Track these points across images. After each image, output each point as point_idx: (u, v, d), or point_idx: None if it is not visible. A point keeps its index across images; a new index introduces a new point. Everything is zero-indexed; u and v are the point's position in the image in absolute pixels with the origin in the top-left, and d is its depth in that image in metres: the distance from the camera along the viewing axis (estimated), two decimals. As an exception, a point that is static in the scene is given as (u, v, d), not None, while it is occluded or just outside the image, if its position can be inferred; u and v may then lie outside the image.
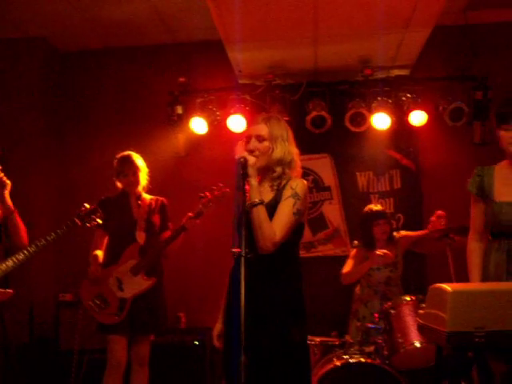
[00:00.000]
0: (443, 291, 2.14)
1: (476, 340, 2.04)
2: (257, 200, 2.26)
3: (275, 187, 2.40)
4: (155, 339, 3.70)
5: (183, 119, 4.96)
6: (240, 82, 5.10)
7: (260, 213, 2.25)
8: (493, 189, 2.67)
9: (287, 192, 2.34)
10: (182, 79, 4.95)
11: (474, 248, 2.75)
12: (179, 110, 4.95)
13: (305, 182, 2.43)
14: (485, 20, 4.94)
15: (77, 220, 3.23)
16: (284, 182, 2.39)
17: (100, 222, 3.34)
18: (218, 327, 2.51)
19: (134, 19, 4.89)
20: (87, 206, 3.29)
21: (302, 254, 4.89)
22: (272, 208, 2.32)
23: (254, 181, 2.29)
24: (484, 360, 2.46)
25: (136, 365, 3.54)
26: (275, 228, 2.27)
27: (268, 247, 2.26)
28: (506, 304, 2.07)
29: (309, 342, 3.65)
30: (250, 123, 4.63)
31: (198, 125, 4.91)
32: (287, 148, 2.44)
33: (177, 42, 5.30)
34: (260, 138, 2.40)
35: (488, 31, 4.98)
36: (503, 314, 2.07)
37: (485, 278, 2.66)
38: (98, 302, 3.46)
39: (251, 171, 2.27)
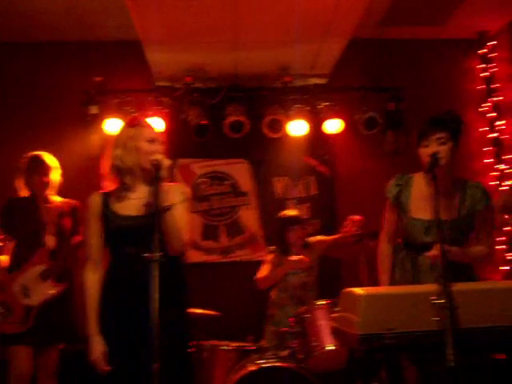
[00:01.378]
0: (355, 295, 2.18)
1: (386, 342, 2.08)
2: (169, 204, 2.24)
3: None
4: (65, 347, 3.52)
5: (98, 120, 4.79)
6: (158, 83, 5.01)
7: (173, 216, 2.27)
8: (409, 202, 2.73)
9: (180, 196, 2.36)
10: (98, 78, 4.79)
11: (384, 250, 2.84)
12: (94, 110, 4.79)
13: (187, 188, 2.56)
14: (399, 36, 5.15)
15: None
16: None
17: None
18: (99, 347, 2.31)
19: (47, 14, 4.68)
20: None
21: (219, 259, 4.98)
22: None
23: (164, 184, 2.27)
24: (394, 361, 2.53)
25: (43, 376, 3.36)
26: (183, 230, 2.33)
27: (177, 250, 2.33)
28: (415, 306, 2.13)
29: (224, 347, 3.66)
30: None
31: (113, 126, 4.77)
32: None
33: (93, 40, 5.11)
34: (158, 141, 2.44)
35: (402, 46, 5.20)
36: (412, 316, 2.13)
37: (392, 281, 2.75)
38: (1, 310, 3.26)
39: (164, 173, 2.24)
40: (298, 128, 4.86)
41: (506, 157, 5.06)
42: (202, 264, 4.91)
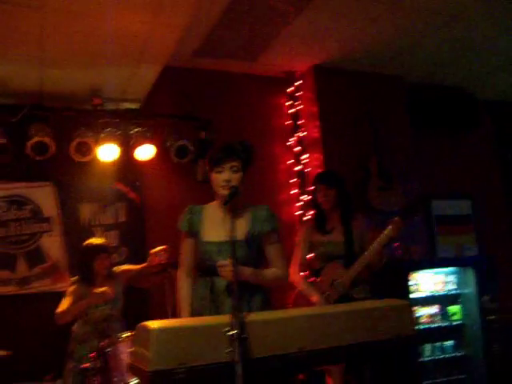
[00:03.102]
0: (146, 329, 2.11)
1: (177, 377, 2.03)
2: None
3: None
4: None
5: None
6: None
7: None
8: (201, 228, 2.80)
9: None
10: None
11: (183, 284, 2.84)
12: None
13: None
14: (213, 67, 5.28)
15: None
16: None
17: None
18: None
19: None
20: None
21: (15, 290, 4.53)
22: None
23: None
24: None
25: None
26: None
27: None
28: (208, 338, 2.13)
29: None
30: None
31: None
32: None
33: None
34: None
35: (215, 78, 5.33)
36: (205, 349, 2.11)
37: (191, 313, 2.74)
38: None
39: None
40: (108, 152, 4.69)
41: (310, 188, 5.42)
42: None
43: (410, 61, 5.46)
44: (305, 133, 5.54)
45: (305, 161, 5.50)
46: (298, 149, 5.54)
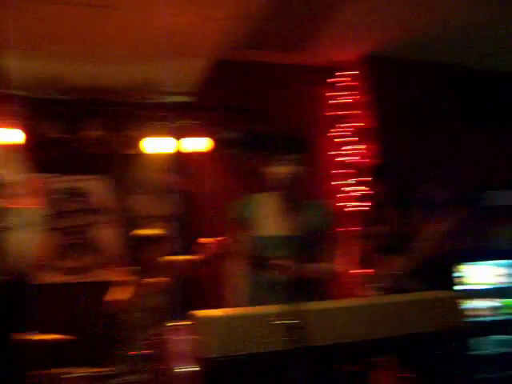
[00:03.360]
0: (203, 317, 2.15)
1: (233, 364, 2.07)
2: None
3: None
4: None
5: None
6: (11, 92, 4.67)
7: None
8: (255, 220, 2.79)
9: (32, 216, 2.23)
10: None
11: (237, 274, 2.85)
12: None
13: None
14: (260, 58, 5.29)
15: None
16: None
17: None
18: None
19: None
20: None
21: (72, 279, 4.71)
22: None
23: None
24: None
25: None
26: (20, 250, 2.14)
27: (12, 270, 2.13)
28: (264, 326, 2.15)
29: (75, 373, 3.46)
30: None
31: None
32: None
33: None
34: None
35: (262, 68, 5.34)
36: (261, 337, 2.13)
37: (242, 301, 2.77)
38: None
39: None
40: (160, 145, 4.80)
41: (354, 179, 5.38)
42: (56, 285, 4.62)
43: (463, 48, 5.32)
44: (353, 123, 5.49)
45: (352, 151, 5.45)
46: (344, 139, 5.49)
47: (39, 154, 4.54)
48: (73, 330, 3.98)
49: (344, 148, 5.47)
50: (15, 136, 4.42)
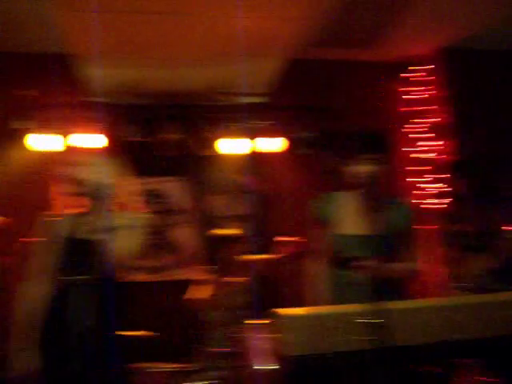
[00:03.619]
0: (283, 316, 2.18)
1: (316, 363, 2.09)
2: (102, 224, 2.18)
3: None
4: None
5: (25, 134, 4.63)
6: (92, 99, 4.89)
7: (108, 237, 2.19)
8: (335, 218, 2.78)
9: (137, 220, 2.32)
10: (28, 92, 4.64)
11: (315, 272, 2.85)
12: (21, 124, 4.62)
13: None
14: (333, 56, 5.27)
15: None
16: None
17: None
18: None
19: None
20: None
21: (154, 278, 4.88)
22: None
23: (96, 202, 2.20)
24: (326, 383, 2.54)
25: None
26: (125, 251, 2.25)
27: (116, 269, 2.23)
28: (344, 326, 2.15)
29: (155, 369, 3.58)
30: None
31: (41, 141, 4.62)
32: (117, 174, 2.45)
33: (22, 52, 4.96)
34: (82, 165, 2.38)
35: (335, 66, 5.31)
36: (342, 336, 2.14)
37: (322, 300, 2.77)
38: None
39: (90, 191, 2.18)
40: (234, 146, 4.88)
41: (429, 176, 5.25)
42: (136, 283, 4.80)
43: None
44: (429, 118, 5.35)
45: (428, 148, 5.32)
46: (420, 135, 5.36)
47: (120, 158, 4.73)
48: (155, 327, 4.12)
49: (420, 144, 5.35)
50: (99, 141, 4.65)
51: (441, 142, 5.27)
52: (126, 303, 2.45)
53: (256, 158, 5.04)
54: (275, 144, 4.93)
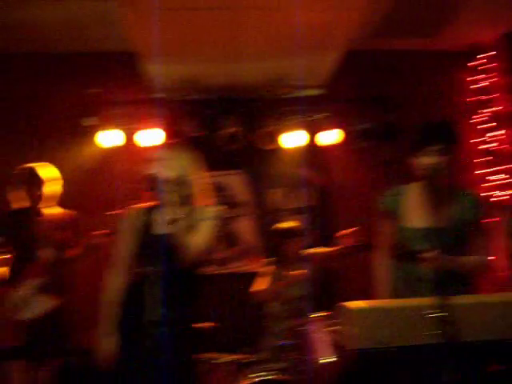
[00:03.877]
0: (349, 309, 2.18)
1: (382, 356, 2.08)
2: (175, 217, 2.23)
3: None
4: (63, 361, 3.50)
5: (94, 131, 4.81)
6: (154, 95, 5.02)
7: (180, 230, 2.25)
8: (401, 211, 2.74)
9: (208, 213, 2.35)
10: (94, 90, 4.79)
11: (381, 266, 2.81)
12: (90, 121, 4.79)
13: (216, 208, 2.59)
14: (392, 47, 5.19)
15: None
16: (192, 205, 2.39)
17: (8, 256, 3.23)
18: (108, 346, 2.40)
19: (46, 25, 4.69)
20: None
21: (214, 270, 4.96)
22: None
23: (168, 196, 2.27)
24: (390, 377, 2.53)
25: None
26: (197, 244, 2.33)
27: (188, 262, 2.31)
28: (410, 320, 2.13)
29: (221, 360, 3.65)
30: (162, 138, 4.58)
31: (109, 138, 4.78)
32: (188, 170, 2.53)
33: (89, 52, 5.13)
34: (161, 159, 2.43)
35: (395, 57, 5.23)
36: (408, 330, 2.12)
37: (389, 294, 2.73)
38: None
39: (163, 186, 2.24)
40: (294, 139, 4.89)
41: (494, 167, 5.10)
42: (204, 276, 4.90)
43: None
44: (495, 108, 5.19)
45: (495, 138, 5.15)
46: (486, 126, 5.21)
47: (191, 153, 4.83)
48: (220, 318, 4.20)
49: (486, 134, 5.20)
50: (164, 137, 4.76)
51: (504, 132, 5.10)
52: (196, 295, 2.51)
53: (316, 150, 5.04)
54: (334, 136, 4.91)
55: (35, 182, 3.45)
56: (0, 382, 3.26)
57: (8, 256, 3.33)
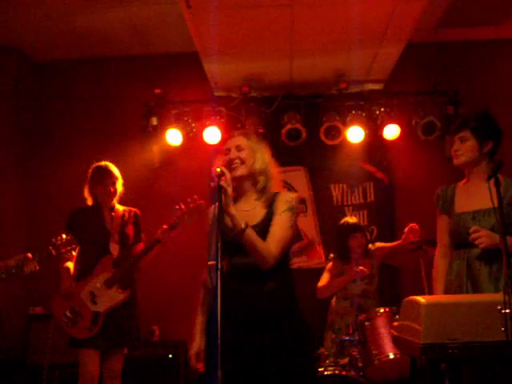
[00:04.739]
0: (417, 303, 2.16)
1: (450, 351, 2.06)
2: (243, 225, 2.22)
3: (266, 202, 2.39)
4: (128, 352, 3.65)
5: (158, 131, 4.95)
6: (215, 94, 5.11)
7: (250, 236, 2.23)
8: (454, 202, 2.74)
9: (282, 206, 2.35)
10: (157, 91, 4.94)
11: (439, 264, 2.78)
12: (154, 121, 4.94)
13: (296, 194, 2.51)
14: (455, 37, 5.07)
15: (52, 250, 3.20)
16: (271, 194, 2.39)
17: (74, 254, 3.38)
18: (195, 346, 2.41)
19: (109, 30, 4.86)
20: (64, 236, 3.25)
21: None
22: (265, 224, 2.33)
23: (229, 194, 2.25)
24: (458, 372, 2.49)
25: (108, 379, 3.46)
26: (273, 243, 2.28)
27: (267, 264, 2.28)
28: (479, 315, 2.10)
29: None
30: (225, 135, 4.64)
31: (173, 136, 4.91)
32: (267, 159, 2.47)
33: (153, 54, 5.29)
34: (239, 148, 2.42)
35: (458, 48, 5.11)
36: (476, 326, 2.09)
37: (446, 289, 2.69)
38: (70, 316, 3.39)
39: (227, 185, 2.24)
40: (354, 134, 4.85)
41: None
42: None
43: None
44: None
45: None
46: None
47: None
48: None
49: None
50: (218, 135, 4.83)
51: None
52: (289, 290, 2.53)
53: (378, 145, 4.99)
54: (397, 131, 4.83)
55: (108, 179, 3.58)
56: (76, 369, 3.41)
57: (75, 252, 3.46)
